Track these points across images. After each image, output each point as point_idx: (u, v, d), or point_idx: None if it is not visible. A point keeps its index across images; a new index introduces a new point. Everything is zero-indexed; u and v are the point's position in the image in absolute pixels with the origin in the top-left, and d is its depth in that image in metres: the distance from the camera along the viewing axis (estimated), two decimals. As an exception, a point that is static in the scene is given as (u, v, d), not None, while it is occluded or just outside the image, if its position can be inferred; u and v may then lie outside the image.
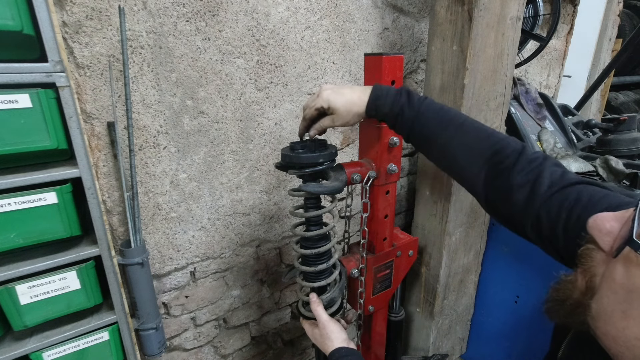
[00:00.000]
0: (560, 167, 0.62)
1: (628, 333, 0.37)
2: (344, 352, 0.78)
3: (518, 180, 0.61)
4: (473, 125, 0.70)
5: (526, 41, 1.73)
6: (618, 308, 0.38)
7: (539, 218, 0.58)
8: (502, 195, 0.64)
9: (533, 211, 0.59)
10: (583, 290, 0.43)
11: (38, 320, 0.80)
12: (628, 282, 0.37)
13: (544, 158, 0.63)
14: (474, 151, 0.68)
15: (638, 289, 0.36)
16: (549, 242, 0.58)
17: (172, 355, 1.20)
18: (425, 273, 1.52)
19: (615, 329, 0.39)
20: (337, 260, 0.92)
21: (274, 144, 1.19)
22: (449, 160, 0.73)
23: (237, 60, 1.03)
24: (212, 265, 1.18)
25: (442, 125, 0.70)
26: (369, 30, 1.29)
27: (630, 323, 0.37)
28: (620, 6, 2.61)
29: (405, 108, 0.72)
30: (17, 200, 0.71)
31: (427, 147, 0.75)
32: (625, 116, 1.48)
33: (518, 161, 0.62)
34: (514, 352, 1.61)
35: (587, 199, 0.54)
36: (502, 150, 0.65)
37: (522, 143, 0.66)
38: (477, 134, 0.69)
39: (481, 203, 0.70)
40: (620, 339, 0.38)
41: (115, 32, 0.84)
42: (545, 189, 0.58)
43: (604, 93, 2.83)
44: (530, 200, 0.59)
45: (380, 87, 0.76)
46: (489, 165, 0.66)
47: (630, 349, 0.38)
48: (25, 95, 0.67)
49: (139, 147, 0.94)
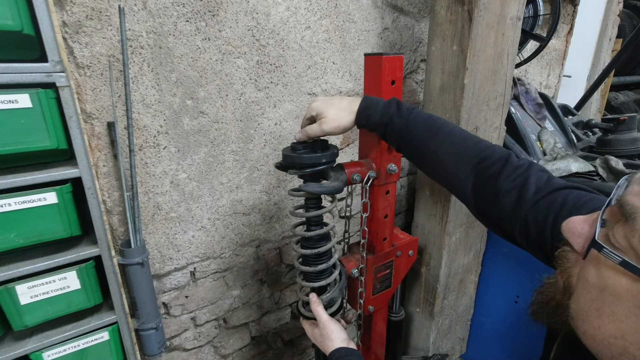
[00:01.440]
0: (546, 173, 0.63)
1: (603, 331, 0.38)
2: (344, 352, 0.78)
3: (505, 186, 0.63)
4: (461, 133, 0.72)
5: (526, 41, 1.73)
6: (592, 307, 0.39)
7: (526, 223, 0.59)
8: (490, 201, 0.65)
9: (521, 216, 0.60)
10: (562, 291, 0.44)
11: (38, 320, 0.80)
12: (599, 282, 0.38)
13: (530, 164, 0.64)
14: (462, 158, 0.69)
15: (609, 287, 0.37)
16: (537, 246, 0.59)
17: (172, 355, 1.20)
18: (425, 273, 1.52)
19: (592, 327, 0.40)
20: (337, 260, 0.92)
21: (274, 144, 1.19)
22: (438, 168, 0.74)
23: (237, 60, 1.03)
24: (212, 265, 1.18)
25: (430, 133, 0.72)
26: (369, 30, 1.29)
27: (604, 321, 0.38)
28: (620, 6, 2.61)
29: (394, 117, 0.74)
30: (17, 200, 0.71)
31: (417, 155, 0.77)
32: (625, 116, 1.48)
33: (505, 167, 0.64)
34: (514, 352, 1.61)
35: (573, 203, 0.55)
36: (489, 157, 0.67)
37: (508, 151, 0.68)
38: (464, 142, 0.71)
39: (470, 209, 0.72)
40: (597, 337, 0.39)
41: (115, 32, 0.84)
42: (531, 194, 0.60)
43: (604, 93, 2.83)
44: (517, 206, 0.61)
45: (369, 98, 0.78)
46: (477, 171, 0.68)
47: (607, 347, 0.38)
48: (25, 95, 0.67)
49: (139, 147, 0.94)
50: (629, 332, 0.36)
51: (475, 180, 0.68)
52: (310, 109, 0.80)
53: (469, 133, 0.73)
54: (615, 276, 0.37)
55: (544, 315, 0.47)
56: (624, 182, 0.40)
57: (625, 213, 0.36)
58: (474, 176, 0.68)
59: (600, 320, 0.38)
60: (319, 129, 0.78)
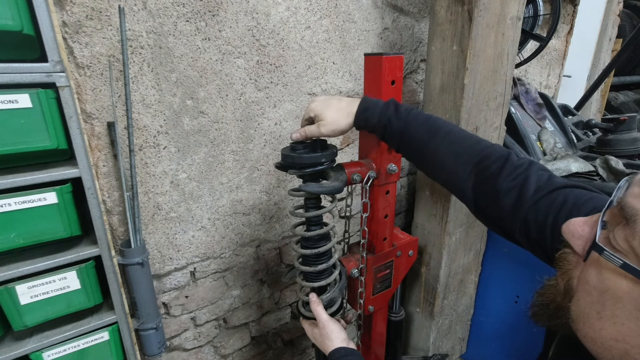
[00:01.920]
0: (546, 172, 0.63)
1: (604, 334, 0.38)
2: (343, 352, 0.78)
3: (505, 185, 0.63)
4: (460, 133, 0.72)
5: (526, 41, 1.73)
6: (593, 309, 0.39)
7: (526, 222, 0.59)
8: (490, 200, 0.65)
9: (521, 215, 0.60)
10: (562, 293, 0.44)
11: (38, 320, 0.80)
12: (600, 284, 0.38)
13: (530, 163, 0.64)
14: (461, 158, 0.69)
15: (609, 290, 0.37)
16: (537, 245, 0.59)
17: (172, 355, 1.20)
18: (425, 273, 1.52)
19: (592, 330, 0.39)
20: (337, 260, 0.92)
21: (274, 144, 1.19)
22: (438, 168, 0.74)
23: (237, 60, 1.03)
24: (212, 265, 1.18)
25: (430, 133, 0.72)
26: (369, 30, 1.29)
27: (605, 324, 0.38)
28: (620, 6, 2.61)
29: (392, 119, 0.74)
30: (17, 200, 0.71)
31: (416, 156, 0.76)
32: (625, 116, 1.48)
33: (504, 167, 0.64)
34: (514, 352, 1.61)
35: (573, 202, 0.55)
36: (489, 156, 0.67)
37: (508, 150, 0.68)
38: (464, 142, 0.70)
39: (470, 209, 0.72)
40: (598, 340, 0.39)
41: (115, 32, 0.84)
42: (531, 193, 0.59)
43: (604, 93, 2.83)
44: (517, 205, 0.61)
45: (368, 99, 0.77)
46: (477, 170, 0.67)
47: (608, 350, 0.38)
48: (25, 95, 0.67)
49: (139, 147, 0.94)
50: (630, 335, 0.36)
51: (475, 180, 0.68)
52: (308, 110, 0.80)
53: (468, 133, 0.73)
54: (616, 279, 0.37)
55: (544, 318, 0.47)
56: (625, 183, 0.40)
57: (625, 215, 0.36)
58: (474, 176, 0.68)
59: (601, 322, 0.38)
60: (317, 131, 0.78)
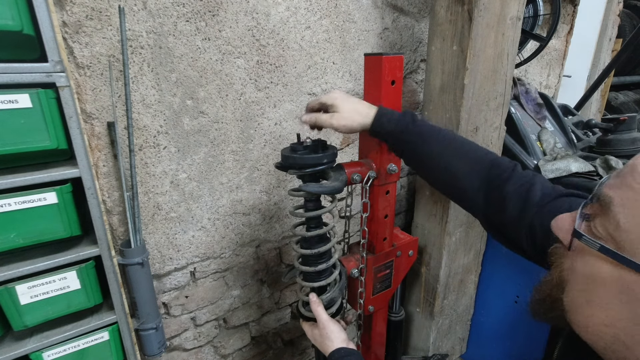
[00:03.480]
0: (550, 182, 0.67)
1: (595, 320, 0.39)
2: (343, 353, 0.78)
3: (512, 191, 0.66)
4: (470, 145, 0.76)
5: (526, 41, 1.73)
6: (583, 297, 0.41)
7: (532, 227, 0.61)
8: (497, 207, 0.68)
9: (527, 221, 0.62)
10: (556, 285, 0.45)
11: (38, 320, 0.80)
12: (586, 271, 0.40)
13: (535, 173, 0.69)
14: (474, 170, 0.72)
15: (594, 275, 0.39)
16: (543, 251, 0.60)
17: (172, 355, 1.20)
18: (425, 273, 1.52)
19: (584, 317, 0.41)
20: (337, 260, 0.92)
21: (274, 144, 1.19)
22: (449, 179, 0.76)
23: (237, 60, 1.03)
24: (212, 265, 1.18)
25: (443, 145, 0.75)
26: (369, 30, 1.29)
27: (595, 310, 0.39)
28: (620, 6, 2.61)
29: (410, 127, 0.77)
30: (17, 200, 0.71)
31: (428, 166, 0.79)
32: (625, 116, 1.47)
33: (513, 174, 0.68)
34: (514, 352, 1.61)
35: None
36: (499, 165, 0.70)
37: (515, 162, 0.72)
38: (475, 154, 0.74)
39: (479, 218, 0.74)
40: (590, 327, 0.40)
41: (115, 32, 0.84)
42: (538, 199, 0.62)
43: (604, 93, 2.83)
44: (524, 210, 0.63)
45: (385, 108, 0.81)
46: (487, 179, 0.70)
47: (600, 337, 0.39)
48: (25, 95, 0.67)
49: (139, 147, 0.94)
50: (617, 318, 0.37)
51: (486, 188, 0.70)
52: (328, 97, 0.81)
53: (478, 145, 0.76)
54: (599, 263, 0.38)
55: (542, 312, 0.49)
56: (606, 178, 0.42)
57: (601, 204, 0.39)
58: (485, 185, 0.71)
59: (591, 309, 0.39)
60: (328, 121, 0.79)
